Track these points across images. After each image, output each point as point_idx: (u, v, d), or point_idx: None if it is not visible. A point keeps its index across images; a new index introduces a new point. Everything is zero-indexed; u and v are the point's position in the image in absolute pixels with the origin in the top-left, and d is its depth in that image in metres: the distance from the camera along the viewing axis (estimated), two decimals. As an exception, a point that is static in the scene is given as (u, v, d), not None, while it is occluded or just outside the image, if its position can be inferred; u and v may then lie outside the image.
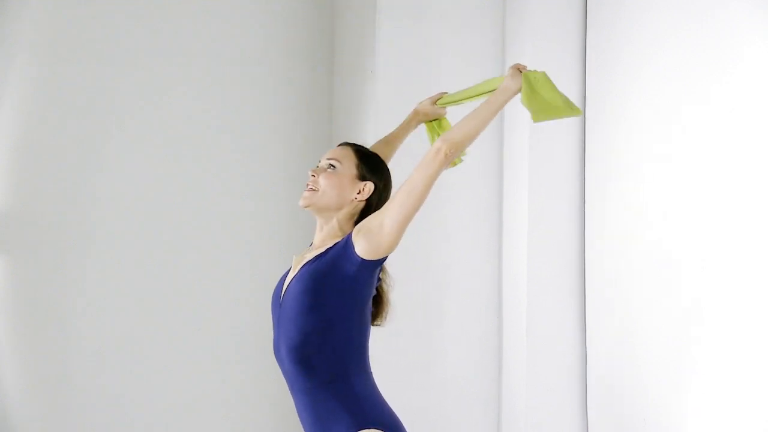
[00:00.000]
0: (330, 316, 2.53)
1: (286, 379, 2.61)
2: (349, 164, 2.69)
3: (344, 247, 2.54)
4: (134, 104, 4.12)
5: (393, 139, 3.04)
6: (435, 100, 2.99)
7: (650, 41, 3.68)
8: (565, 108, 2.67)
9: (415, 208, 2.51)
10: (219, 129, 4.28)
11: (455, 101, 2.92)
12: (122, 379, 4.07)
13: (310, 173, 2.70)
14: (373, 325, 2.69)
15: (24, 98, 3.93)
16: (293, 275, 2.62)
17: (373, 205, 2.67)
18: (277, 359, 2.64)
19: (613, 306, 3.85)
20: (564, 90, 4.03)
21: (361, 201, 2.67)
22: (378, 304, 2.69)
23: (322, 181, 2.67)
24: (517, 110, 4.09)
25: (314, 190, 2.67)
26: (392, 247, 2.53)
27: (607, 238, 3.89)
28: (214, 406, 4.23)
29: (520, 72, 2.65)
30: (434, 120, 3.03)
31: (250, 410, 4.29)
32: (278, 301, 2.65)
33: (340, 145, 2.77)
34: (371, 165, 2.70)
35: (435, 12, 4.13)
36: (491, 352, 4.18)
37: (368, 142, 4.03)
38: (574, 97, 4.06)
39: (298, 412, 2.61)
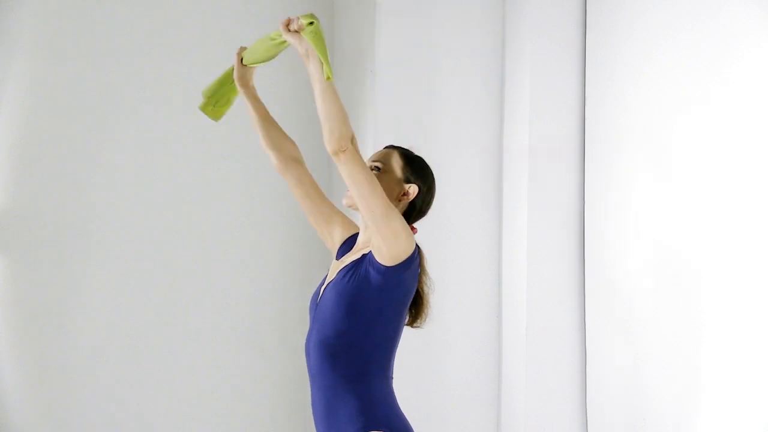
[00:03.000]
0: (363, 321, 2.56)
1: (309, 372, 2.64)
2: (394, 166, 2.67)
3: (370, 258, 2.56)
4: (134, 104, 4.12)
5: (265, 119, 2.91)
6: (240, 62, 2.87)
7: (650, 41, 3.68)
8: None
9: (380, 202, 2.47)
10: (219, 129, 4.27)
11: (258, 61, 2.80)
12: (122, 379, 4.07)
13: None
14: (413, 326, 2.72)
15: (24, 98, 3.93)
16: (330, 280, 2.65)
17: (417, 207, 2.67)
18: (305, 353, 2.67)
19: (613, 306, 3.85)
20: (564, 89, 4.08)
21: (404, 203, 2.65)
22: (417, 305, 2.70)
23: None
24: (517, 110, 4.09)
25: None
26: (402, 249, 2.52)
27: (607, 238, 3.89)
28: (214, 406, 4.23)
29: (298, 32, 2.49)
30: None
31: (250, 410, 4.29)
32: (315, 302, 2.69)
33: (386, 147, 2.75)
34: (416, 168, 2.67)
35: (435, 12, 4.13)
36: (491, 352, 4.18)
37: (368, 142, 4.05)
38: (573, 97, 4.07)
39: (312, 405, 2.64)
